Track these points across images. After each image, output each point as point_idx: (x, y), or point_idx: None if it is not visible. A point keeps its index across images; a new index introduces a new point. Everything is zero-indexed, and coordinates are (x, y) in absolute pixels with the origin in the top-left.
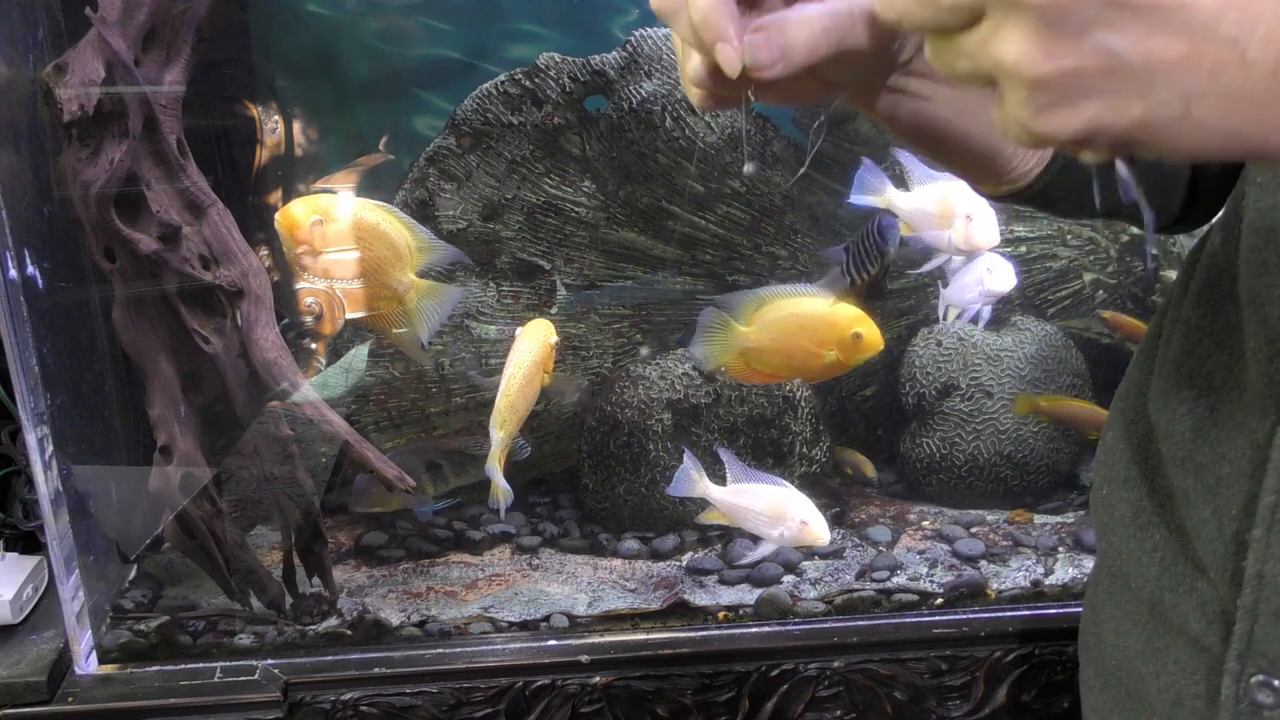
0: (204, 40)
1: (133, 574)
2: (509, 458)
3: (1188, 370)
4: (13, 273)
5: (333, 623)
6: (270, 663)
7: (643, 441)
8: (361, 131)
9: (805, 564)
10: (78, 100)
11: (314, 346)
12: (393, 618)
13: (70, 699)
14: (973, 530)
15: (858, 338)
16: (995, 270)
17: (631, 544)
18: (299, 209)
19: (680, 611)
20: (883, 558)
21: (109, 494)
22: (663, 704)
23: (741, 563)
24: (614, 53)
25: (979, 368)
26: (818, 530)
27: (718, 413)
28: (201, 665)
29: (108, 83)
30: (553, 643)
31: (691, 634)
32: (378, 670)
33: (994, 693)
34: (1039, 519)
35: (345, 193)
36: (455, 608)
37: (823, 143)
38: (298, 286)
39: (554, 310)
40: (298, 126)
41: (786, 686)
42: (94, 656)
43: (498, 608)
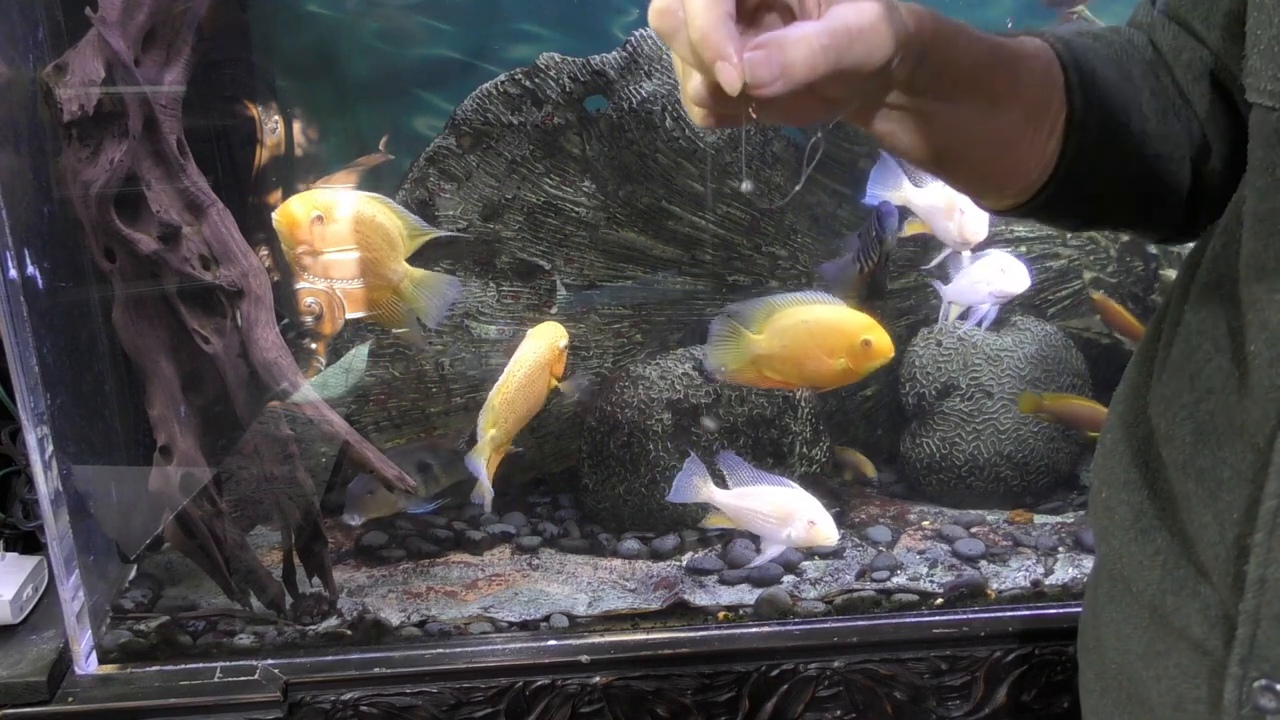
0: (204, 40)
1: (133, 574)
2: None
3: (1188, 374)
4: (13, 273)
5: (333, 623)
6: (270, 663)
7: (643, 441)
8: (361, 131)
9: (805, 564)
10: (78, 100)
11: (314, 346)
12: (393, 618)
13: (70, 699)
14: (973, 530)
15: (867, 345)
16: (1009, 270)
17: (631, 544)
18: (297, 206)
19: (680, 611)
20: (883, 558)
21: (109, 494)
22: (663, 704)
23: (751, 565)
24: (614, 53)
25: (979, 368)
26: (826, 530)
27: (717, 413)
28: (201, 665)
29: (108, 83)
30: (553, 643)
31: (691, 634)
32: (378, 670)
33: (994, 693)
34: (1039, 519)
35: (341, 188)
36: (455, 608)
37: (823, 142)
38: (298, 286)
39: (554, 310)
40: (298, 126)
41: (786, 686)
42: (94, 656)
43: (498, 608)
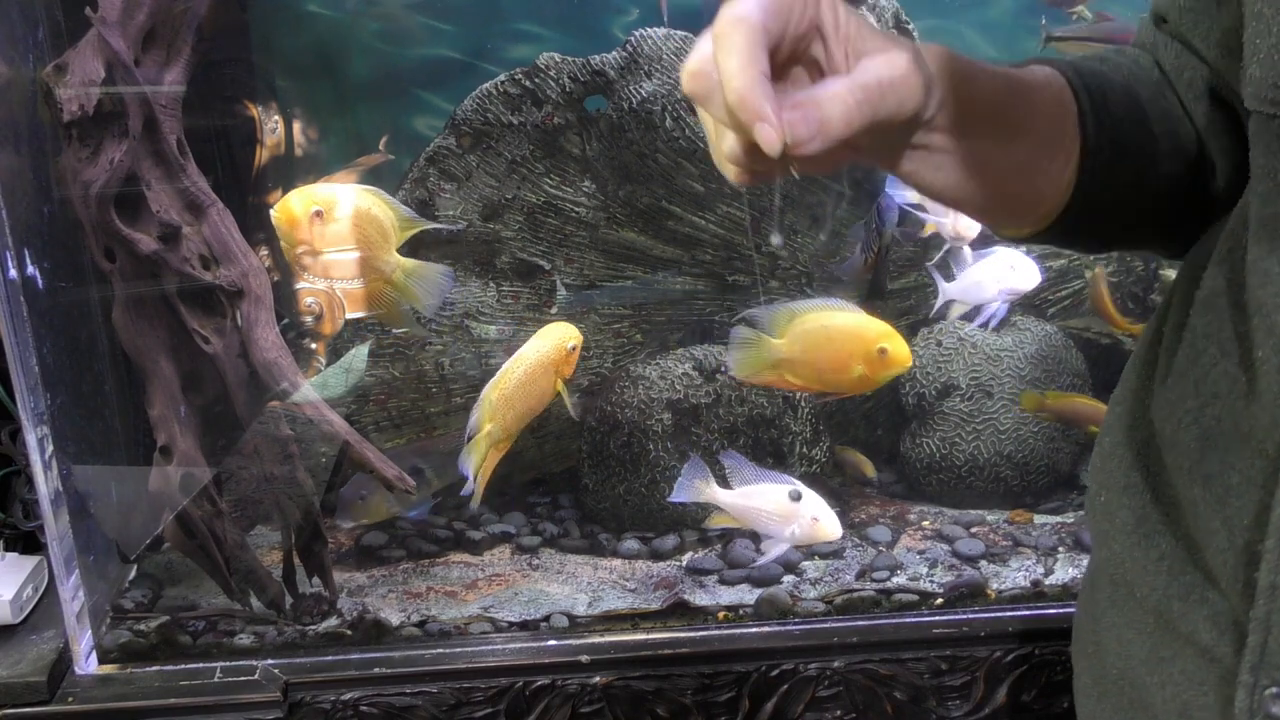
0: (204, 40)
1: (133, 574)
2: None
3: (1193, 379)
4: (13, 273)
5: (333, 623)
6: (270, 663)
7: (643, 441)
8: (361, 131)
9: (805, 564)
10: (78, 100)
11: (314, 346)
12: (393, 618)
13: (70, 699)
14: (973, 530)
15: (883, 353)
16: (1019, 267)
17: (631, 544)
18: (296, 201)
19: (680, 611)
20: (883, 558)
21: (109, 494)
22: (663, 704)
23: (755, 564)
24: (614, 53)
25: (979, 368)
26: (829, 526)
27: (718, 413)
28: (201, 665)
29: (108, 83)
30: (553, 643)
31: (691, 634)
32: (378, 670)
33: (994, 693)
34: (1039, 519)
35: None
36: (455, 608)
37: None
38: (298, 286)
39: (554, 310)
40: (298, 126)
41: (786, 686)
42: (94, 656)
43: (498, 608)
